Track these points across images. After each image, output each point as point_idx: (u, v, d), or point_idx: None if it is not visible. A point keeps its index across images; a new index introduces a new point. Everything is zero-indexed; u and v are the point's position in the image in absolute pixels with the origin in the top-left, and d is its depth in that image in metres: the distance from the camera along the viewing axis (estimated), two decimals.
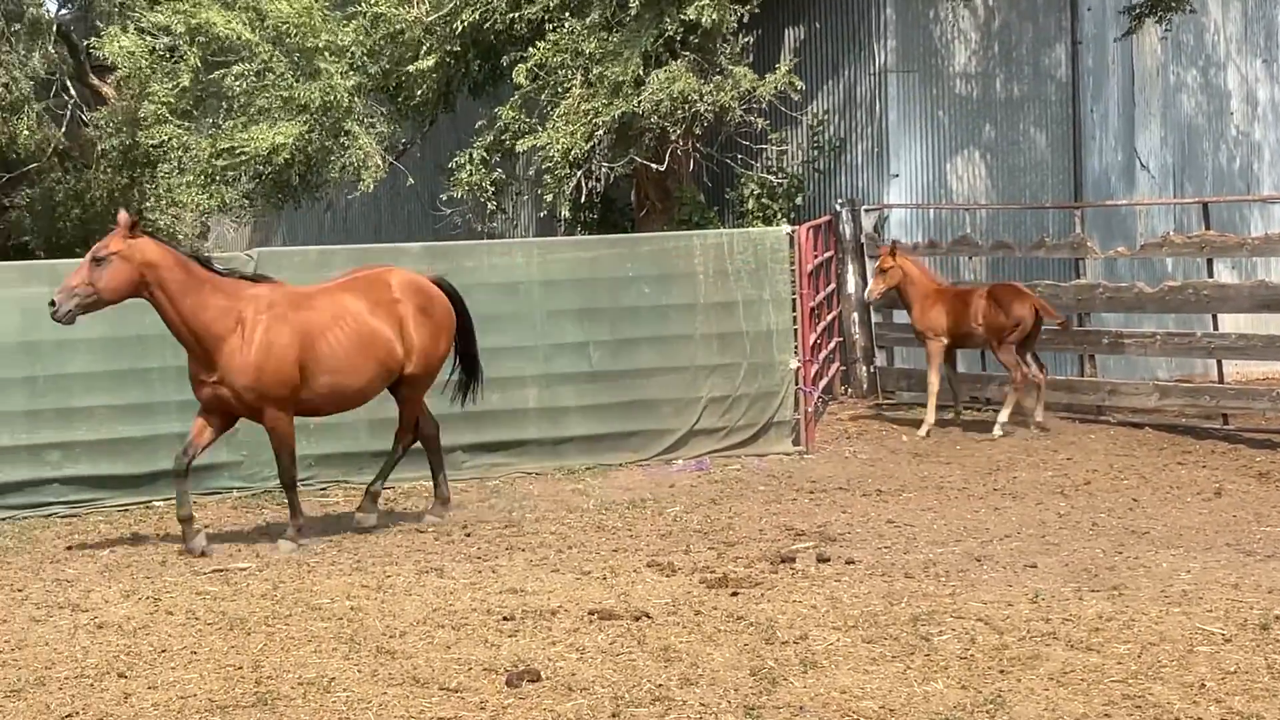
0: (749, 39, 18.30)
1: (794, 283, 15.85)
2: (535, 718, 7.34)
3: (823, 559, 10.56)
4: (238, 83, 19.20)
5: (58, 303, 11.12)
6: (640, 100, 17.37)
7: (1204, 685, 7.54)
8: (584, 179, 18.17)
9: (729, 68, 17.86)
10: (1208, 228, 17.01)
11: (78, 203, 26.08)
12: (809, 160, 20.29)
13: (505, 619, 9.05)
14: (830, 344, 18.49)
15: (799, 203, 19.95)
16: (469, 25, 18.61)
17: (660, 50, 17.60)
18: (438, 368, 12.65)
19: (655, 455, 15.33)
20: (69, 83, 25.71)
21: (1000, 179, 20.51)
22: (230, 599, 9.84)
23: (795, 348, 15.85)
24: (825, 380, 17.95)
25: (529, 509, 13.16)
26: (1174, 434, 16.35)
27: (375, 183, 19.93)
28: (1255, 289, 16.29)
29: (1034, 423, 16.59)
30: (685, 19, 17.22)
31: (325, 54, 19.24)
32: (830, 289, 18.70)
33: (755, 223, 19.12)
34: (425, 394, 12.71)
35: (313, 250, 16.10)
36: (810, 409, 15.97)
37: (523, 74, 18.29)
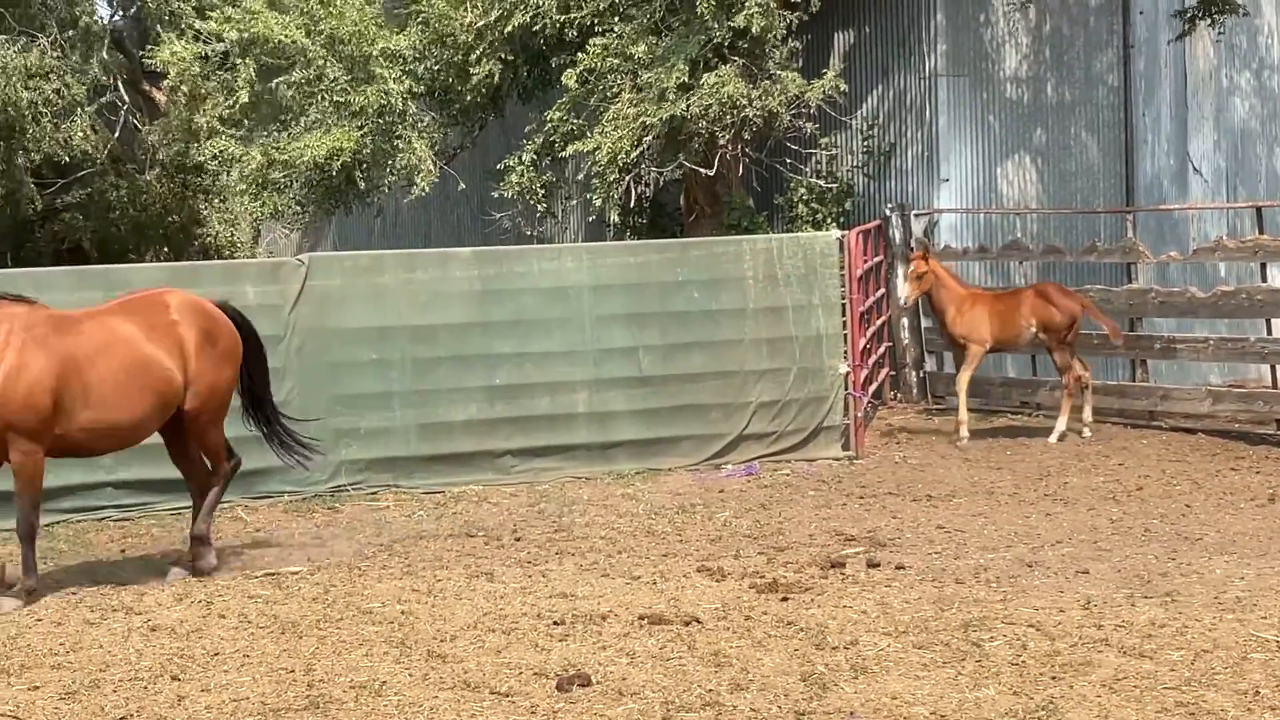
0: (798, 44, 18.31)
1: (844, 288, 15.82)
2: None
3: (873, 564, 10.54)
4: (291, 90, 19.30)
5: None
6: (689, 105, 17.38)
7: (1258, 692, 7.48)
8: (633, 184, 18.17)
9: (777, 72, 17.84)
10: (1261, 232, 16.88)
11: (131, 206, 26.27)
12: (859, 165, 20.25)
13: (555, 624, 9.07)
14: (880, 349, 18.45)
15: (848, 207, 19.92)
16: (519, 28, 18.67)
17: (709, 55, 17.61)
18: (226, 397, 11.30)
19: (705, 460, 15.34)
20: (122, 88, 25.91)
21: (1051, 183, 20.42)
22: (282, 602, 9.89)
23: (845, 352, 15.82)
24: (875, 385, 17.91)
25: (578, 514, 13.18)
26: (1227, 439, 16.24)
27: (428, 187, 20.01)
28: None
29: (1084, 424, 16.50)
30: (734, 26, 17.23)
31: (380, 59, 19.32)
32: (880, 294, 18.66)
33: (804, 227, 19.10)
34: (221, 425, 11.38)
35: (364, 255, 16.20)
36: (860, 414, 15.93)
37: (572, 78, 18.34)
